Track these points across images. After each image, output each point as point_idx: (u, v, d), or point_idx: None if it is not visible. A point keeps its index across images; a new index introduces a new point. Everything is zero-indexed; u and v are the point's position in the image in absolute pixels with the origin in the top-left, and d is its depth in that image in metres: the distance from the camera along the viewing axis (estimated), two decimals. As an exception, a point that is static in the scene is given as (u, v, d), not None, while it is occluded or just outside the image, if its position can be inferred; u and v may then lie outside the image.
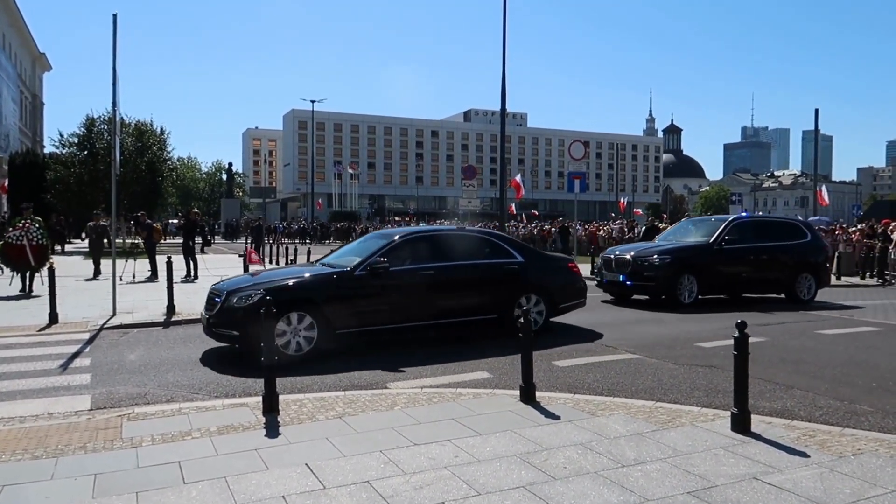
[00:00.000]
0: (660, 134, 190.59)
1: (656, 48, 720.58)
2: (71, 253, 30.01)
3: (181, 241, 19.24)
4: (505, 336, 8.88)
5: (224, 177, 77.54)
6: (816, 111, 40.49)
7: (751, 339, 4.96)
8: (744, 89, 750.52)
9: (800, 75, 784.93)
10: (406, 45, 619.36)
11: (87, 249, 20.23)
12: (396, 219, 71.60)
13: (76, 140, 38.20)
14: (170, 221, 54.66)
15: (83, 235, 34.27)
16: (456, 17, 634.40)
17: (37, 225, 13.84)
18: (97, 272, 17.51)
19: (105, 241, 18.59)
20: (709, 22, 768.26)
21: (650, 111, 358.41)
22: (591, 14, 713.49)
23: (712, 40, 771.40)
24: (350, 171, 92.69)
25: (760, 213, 33.87)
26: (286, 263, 20.88)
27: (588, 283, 10.94)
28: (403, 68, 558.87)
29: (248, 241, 30.50)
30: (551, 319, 9.57)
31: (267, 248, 25.83)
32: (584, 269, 19.49)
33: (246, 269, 12.42)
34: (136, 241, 23.53)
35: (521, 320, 5.73)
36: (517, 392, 5.84)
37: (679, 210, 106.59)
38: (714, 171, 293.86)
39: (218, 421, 5.19)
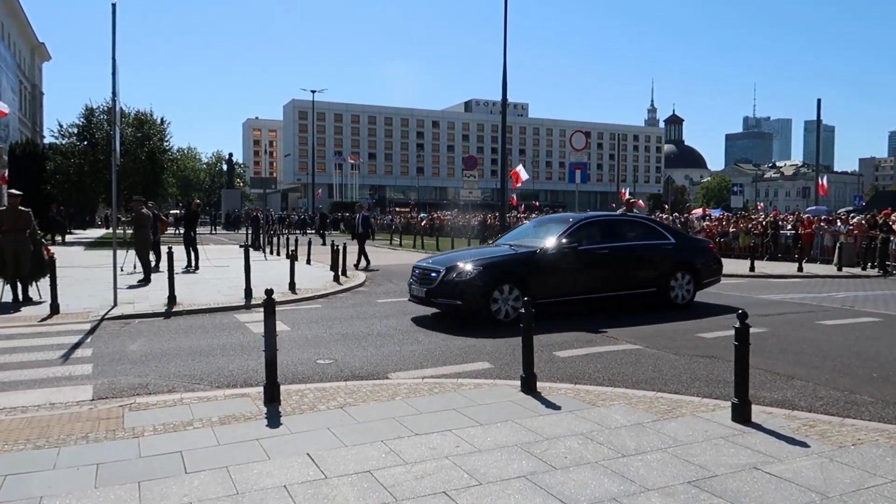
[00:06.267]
0: (661, 124, 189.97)
1: (658, 38, 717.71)
2: (71, 243, 30.03)
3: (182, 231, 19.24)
4: (506, 326, 8.91)
5: (224, 167, 77.46)
6: (819, 101, 40.39)
7: (751, 330, 4.96)
8: (746, 79, 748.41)
9: (802, 66, 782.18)
10: (407, 35, 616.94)
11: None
12: (397, 209, 71.54)
13: (76, 130, 38.21)
14: (170, 212, 54.73)
15: None
16: (457, 6, 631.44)
17: None
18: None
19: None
20: (711, 11, 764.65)
21: (652, 101, 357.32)
22: (593, 4, 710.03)
23: (714, 30, 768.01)
24: (350, 161, 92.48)
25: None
26: (286, 256, 20.90)
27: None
28: (404, 58, 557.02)
29: (248, 231, 30.54)
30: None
31: (266, 239, 25.75)
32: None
33: (247, 260, 12.39)
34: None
35: (523, 310, 5.73)
36: (518, 382, 5.85)
37: (680, 201, 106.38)
38: (716, 161, 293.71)
39: (219, 411, 5.21)
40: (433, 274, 9.44)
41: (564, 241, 9.89)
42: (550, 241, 9.93)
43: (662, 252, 10.82)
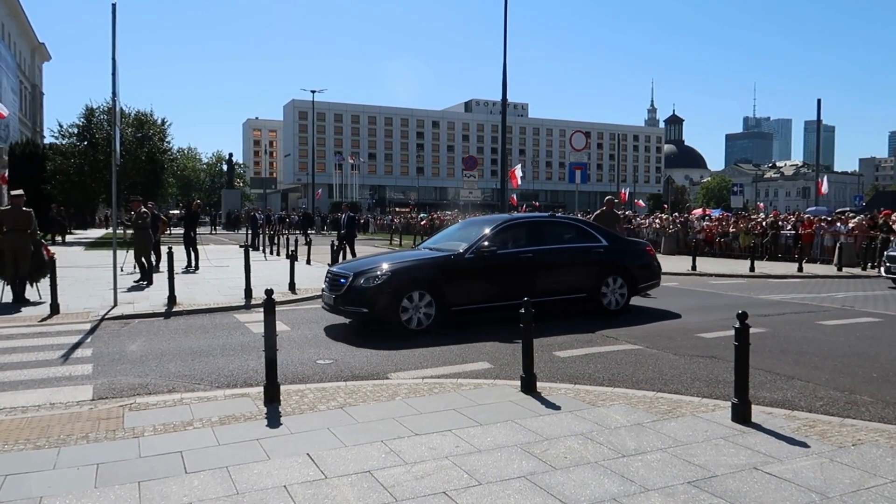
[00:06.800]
0: (661, 124, 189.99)
1: (658, 38, 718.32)
2: (71, 243, 30.03)
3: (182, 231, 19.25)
4: (505, 326, 8.90)
5: (224, 167, 77.49)
6: (819, 101, 40.43)
7: (752, 330, 4.97)
8: (746, 79, 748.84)
9: (802, 65, 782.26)
10: (407, 35, 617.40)
11: None
12: (397, 209, 71.58)
13: (76, 130, 38.22)
14: (170, 212, 54.81)
15: None
16: (457, 6, 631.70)
17: None
18: None
19: None
20: (711, 11, 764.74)
21: (652, 102, 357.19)
22: (593, 4, 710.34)
23: (714, 30, 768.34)
24: (350, 161, 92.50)
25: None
26: (286, 256, 20.89)
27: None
28: (404, 58, 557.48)
29: (247, 231, 30.58)
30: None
31: (268, 239, 25.74)
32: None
33: (247, 260, 12.39)
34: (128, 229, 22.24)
35: (523, 310, 5.73)
36: (518, 382, 5.85)
37: (680, 201, 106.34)
38: (716, 161, 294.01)
39: (219, 411, 5.21)
40: (342, 280, 8.79)
41: (483, 244, 9.22)
42: (468, 245, 9.28)
43: (593, 255, 10.15)
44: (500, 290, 9.23)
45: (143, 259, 14.22)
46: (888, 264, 14.89)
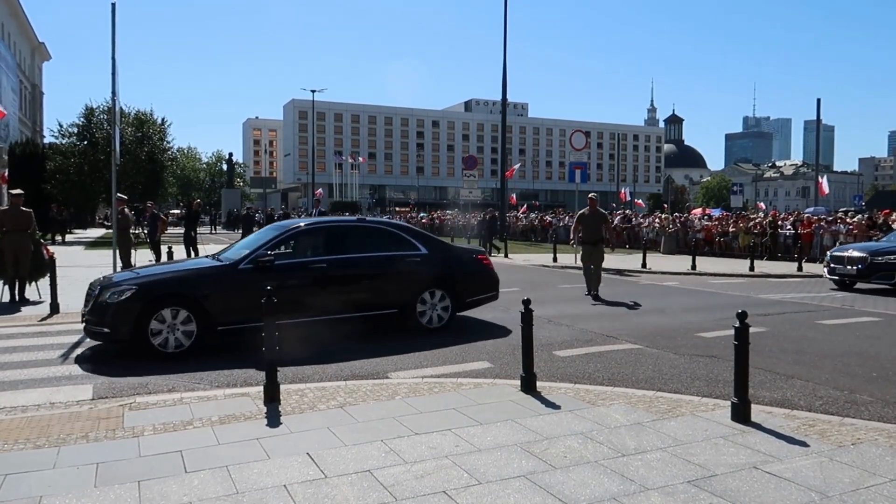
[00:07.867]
0: (661, 124, 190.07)
1: (658, 38, 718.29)
2: (71, 243, 30.04)
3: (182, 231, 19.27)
4: (505, 325, 8.91)
5: (224, 167, 77.46)
6: (818, 101, 40.48)
7: (751, 330, 4.97)
8: (745, 79, 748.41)
9: (802, 65, 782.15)
10: (407, 35, 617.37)
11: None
12: (397, 209, 71.61)
13: (76, 130, 38.24)
14: (170, 212, 54.84)
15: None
16: (457, 6, 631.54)
17: None
18: None
19: None
20: (710, 10, 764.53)
21: (651, 101, 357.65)
22: (592, 3, 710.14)
23: (714, 29, 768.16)
24: (350, 161, 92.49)
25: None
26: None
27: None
28: (404, 58, 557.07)
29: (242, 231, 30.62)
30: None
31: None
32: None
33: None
34: (136, 231, 22.82)
35: (524, 311, 5.73)
36: (518, 382, 5.86)
37: (680, 200, 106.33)
38: (716, 161, 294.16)
39: (219, 410, 5.21)
40: (92, 293, 7.63)
41: (262, 253, 7.95)
42: (247, 253, 8.05)
43: (407, 265, 8.76)
44: (282, 305, 7.75)
45: (123, 261, 13.62)
46: (833, 265, 14.07)
